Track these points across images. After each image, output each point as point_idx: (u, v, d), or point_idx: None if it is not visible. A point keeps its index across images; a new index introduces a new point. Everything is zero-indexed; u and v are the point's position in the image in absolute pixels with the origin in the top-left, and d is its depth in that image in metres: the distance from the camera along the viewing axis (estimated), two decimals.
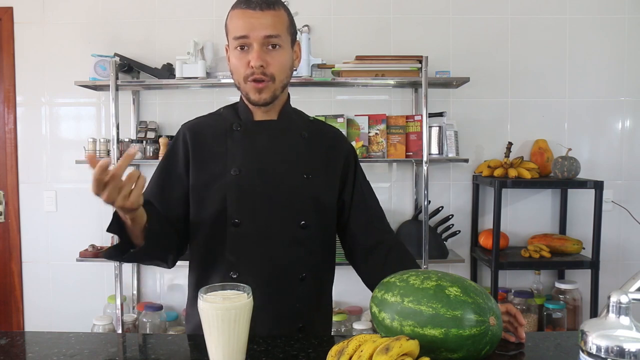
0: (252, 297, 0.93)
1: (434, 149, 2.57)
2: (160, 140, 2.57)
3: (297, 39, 1.27)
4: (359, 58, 2.52)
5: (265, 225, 1.21)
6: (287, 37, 1.20)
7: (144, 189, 1.26)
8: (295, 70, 1.29)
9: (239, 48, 1.18)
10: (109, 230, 1.11)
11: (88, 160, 0.94)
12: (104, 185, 0.95)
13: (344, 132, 2.51)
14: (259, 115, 1.26)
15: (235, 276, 1.19)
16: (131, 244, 1.14)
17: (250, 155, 1.23)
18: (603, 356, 0.73)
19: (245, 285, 0.95)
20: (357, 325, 2.50)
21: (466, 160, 2.57)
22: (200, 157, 1.24)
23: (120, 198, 0.98)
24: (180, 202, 1.25)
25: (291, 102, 1.33)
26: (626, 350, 0.71)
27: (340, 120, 2.53)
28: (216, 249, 1.23)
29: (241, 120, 1.26)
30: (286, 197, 1.22)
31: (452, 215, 2.67)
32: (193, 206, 1.24)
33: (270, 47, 1.17)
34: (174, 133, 2.67)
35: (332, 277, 1.36)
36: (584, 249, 2.56)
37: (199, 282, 1.26)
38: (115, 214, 1.10)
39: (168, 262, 1.24)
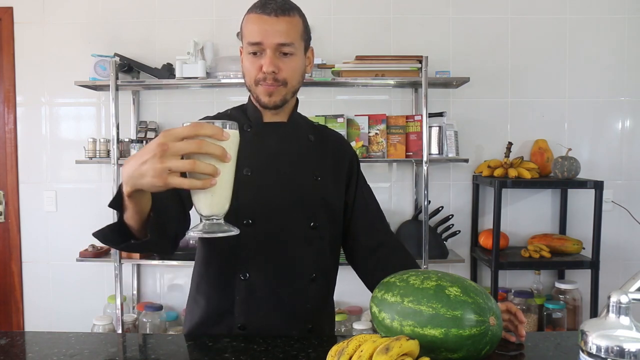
0: (238, 133, 0.85)
1: (434, 149, 2.56)
2: None
3: (310, 44, 1.27)
4: (359, 58, 2.52)
5: (276, 226, 1.21)
6: (300, 43, 1.20)
7: None
8: (308, 74, 1.29)
9: (252, 52, 1.18)
10: (110, 205, 0.94)
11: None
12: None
13: (344, 132, 2.52)
14: (268, 117, 1.27)
15: (244, 278, 1.19)
16: (128, 230, 0.99)
17: (262, 156, 1.23)
18: (603, 356, 0.73)
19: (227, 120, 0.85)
20: (357, 325, 2.50)
21: (466, 160, 2.58)
22: None
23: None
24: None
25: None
26: (626, 350, 0.71)
27: (340, 120, 2.53)
28: (227, 249, 1.22)
29: (251, 122, 1.27)
30: (297, 197, 1.23)
31: (452, 215, 2.67)
32: None
33: (283, 53, 1.17)
34: None
35: (336, 278, 1.36)
36: (584, 249, 2.56)
37: (204, 281, 1.26)
38: (119, 190, 0.92)
39: (169, 252, 1.14)
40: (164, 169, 0.78)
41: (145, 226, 0.97)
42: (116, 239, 0.98)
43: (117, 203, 0.93)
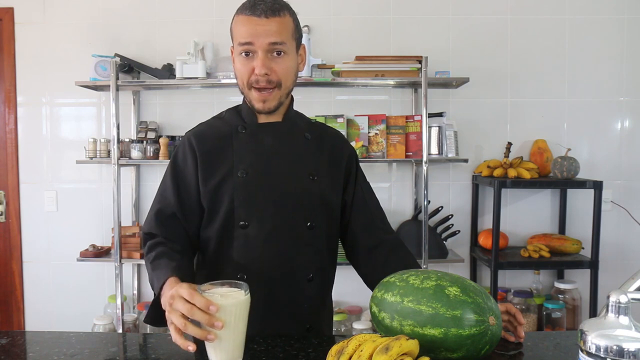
0: (249, 294, 0.94)
1: (434, 149, 2.57)
2: (161, 140, 2.57)
3: (302, 41, 1.27)
4: (359, 58, 2.53)
5: (272, 227, 1.21)
6: (292, 42, 1.19)
7: (157, 199, 1.27)
8: (300, 72, 1.28)
9: (243, 54, 1.18)
10: (146, 321, 1.12)
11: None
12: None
13: (344, 132, 2.52)
14: (263, 117, 1.26)
15: (243, 277, 1.19)
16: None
17: (257, 156, 1.23)
18: (602, 356, 0.73)
19: (243, 282, 0.95)
20: (357, 325, 2.50)
21: (466, 161, 2.58)
22: (208, 162, 1.23)
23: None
24: (198, 211, 1.24)
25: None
26: (625, 349, 0.72)
27: (340, 120, 2.53)
28: (224, 250, 1.23)
29: (245, 123, 1.26)
30: (293, 198, 1.22)
31: (452, 215, 2.67)
32: (206, 211, 1.24)
33: (275, 54, 1.16)
34: (174, 133, 2.70)
35: (334, 277, 1.36)
36: (583, 248, 2.57)
37: (205, 282, 1.26)
38: (155, 302, 1.09)
39: None
40: (168, 318, 0.95)
41: None
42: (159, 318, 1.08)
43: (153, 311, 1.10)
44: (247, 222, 1.20)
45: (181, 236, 1.24)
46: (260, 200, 1.21)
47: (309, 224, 1.23)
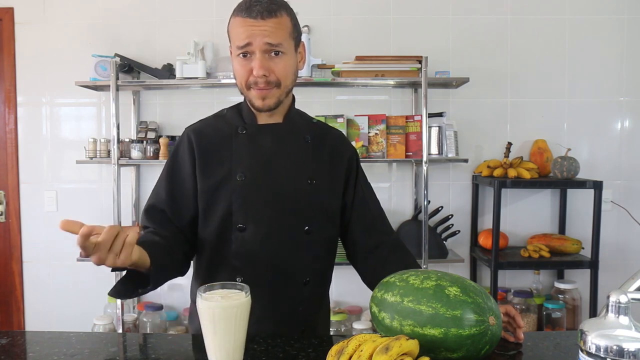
0: (250, 295, 0.94)
1: (434, 149, 2.57)
2: (161, 140, 2.57)
3: (301, 39, 1.26)
4: (359, 58, 2.53)
5: (270, 230, 1.20)
6: (290, 42, 1.18)
7: (152, 193, 1.28)
8: (300, 70, 1.28)
9: (241, 55, 1.17)
10: (111, 294, 1.11)
11: (64, 226, 0.90)
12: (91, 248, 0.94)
13: (344, 132, 2.51)
14: (263, 118, 1.25)
15: (239, 280, 1.19)
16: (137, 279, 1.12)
17: (255, 159, 1.22)
18: (602, 356, 0.73)
19: (243, 284, 0.95)
20: (357, 325, 2.50)
21: (466, 161, 2.58)
22: (206, 161, 1.23)
23: (110, 258, 0.96)
24: (191, 207, 1.24)
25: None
26: (625, 349, 0.72)
27: (340, 120, 2.53)
28: (221, 253, 1.22)
29: (246, 123, 1.25)
30: (291, 202, 1.22)
31: (452, 215, 2.67)
32: (200, 211, 1.24)
33: (272, 54, 1.15)
34: (174, 133, 2.70)
35: (331, 279, 1.36)
36: (583, 248, 2.57)
37: (202, 284, 1.27)
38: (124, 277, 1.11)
39: (182, 274, 1.26)
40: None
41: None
42: (128, 290, 1.11)
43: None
44: (244, 225, 1.19)
45: (170, 228, 1.24)
46: (258, 204, 1.20)
47: (306, 228, 1.22)
